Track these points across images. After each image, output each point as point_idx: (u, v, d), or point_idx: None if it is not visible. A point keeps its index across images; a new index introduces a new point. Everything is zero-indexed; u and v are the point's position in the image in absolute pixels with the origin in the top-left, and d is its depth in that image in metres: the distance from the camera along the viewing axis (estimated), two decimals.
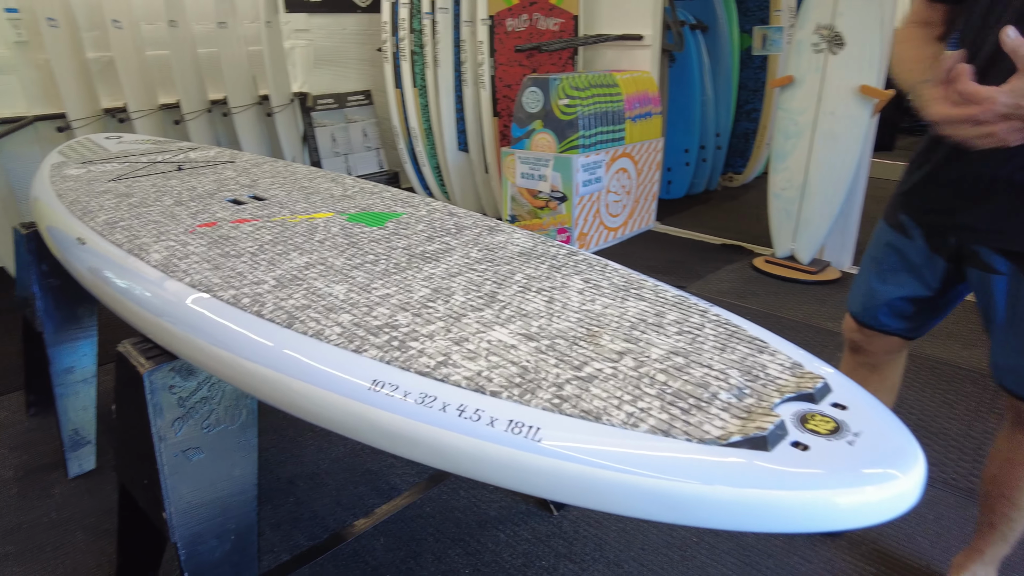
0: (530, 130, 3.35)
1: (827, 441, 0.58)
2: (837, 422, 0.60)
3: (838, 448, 0.57)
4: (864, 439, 0.58)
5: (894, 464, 0.55)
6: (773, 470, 0.54)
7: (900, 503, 0.53)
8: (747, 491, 0.53)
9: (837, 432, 0.59)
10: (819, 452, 0.56)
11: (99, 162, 1.99)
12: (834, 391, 0.66)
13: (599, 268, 1.00)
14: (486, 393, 0.66)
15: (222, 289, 0.96)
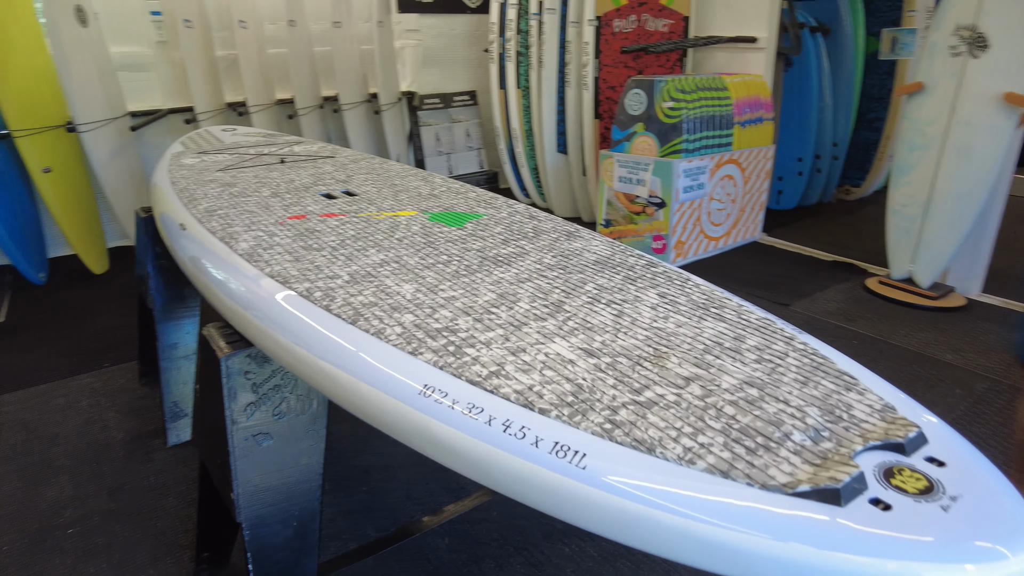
0: (631, 133, 3.27)
1: (915, 502, 0.50)
2: (930, 481, 0.52)
3: (928, 512, 0.49)
4: (964, 505, 0.50)
5: (1001, 539, 0.47)
6: (839, 530, 0.47)
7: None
8: (794, 547, 0.47)
9: (929, 493, 0.51)
10: (904, 515, 0.49)
11: (213, 152, 2.12)
12: (931, 443, 0.57)
13: (679, 283, 0.94)
14: (535, 410, 0.63)
15: (297, 281, 0.98)
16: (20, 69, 2.96)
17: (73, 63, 2.92)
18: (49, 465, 1.83)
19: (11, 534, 1.57)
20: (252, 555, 1.04)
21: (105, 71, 3.19)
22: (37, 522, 1.61)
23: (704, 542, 0.50)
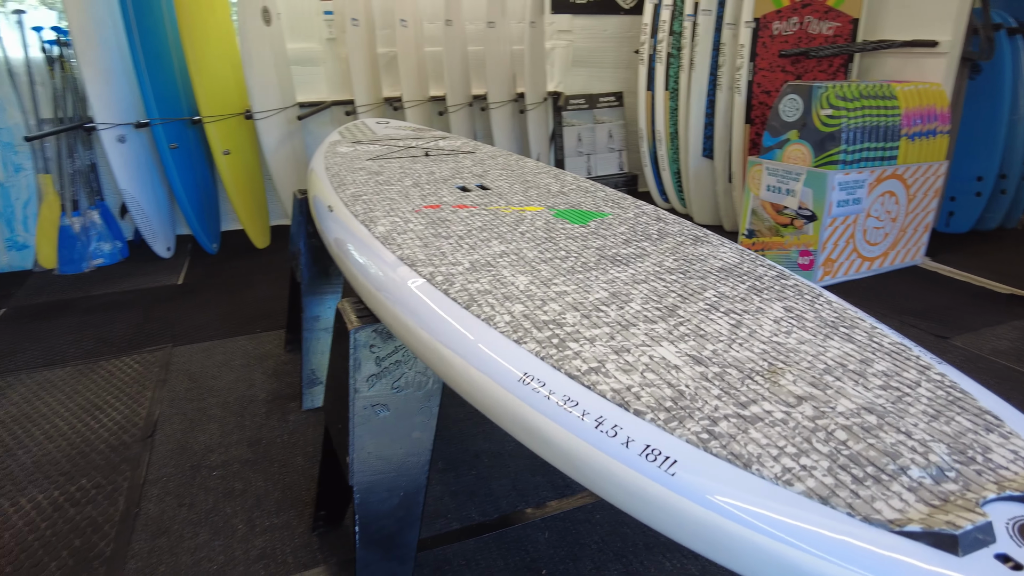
0: (784, 140, 3.09)
1: None
2: None
3: None
4: None
5: None
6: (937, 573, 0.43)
7: None
8: None
9: None
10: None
11: (365, 143, 2.27)
12: None
13: (809, 298, 0.88)
14: (630, 410, 0.62)
15: (423, 265, 1.03)
16: (214, 63, 3.34)
17: (255, 58, 3.24)
18: (204, 412, 2.06)
19: (171, 467, 1.79)
20: (359, 518, 1.11)
21: (281, 65, 3.52)
22: (191, 461, 1.82)
23: (789, 567, 0.47)
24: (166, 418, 2.03)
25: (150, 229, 3.40)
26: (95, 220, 3.41)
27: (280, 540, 1.52)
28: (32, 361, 2.42)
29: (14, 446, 1.90)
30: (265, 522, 1.58)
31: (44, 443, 1.91)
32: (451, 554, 1.47)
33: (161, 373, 2.31)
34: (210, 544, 1.51)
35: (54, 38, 3.27)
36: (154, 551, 1.50)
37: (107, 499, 1.67)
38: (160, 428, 1.98)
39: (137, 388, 2.21)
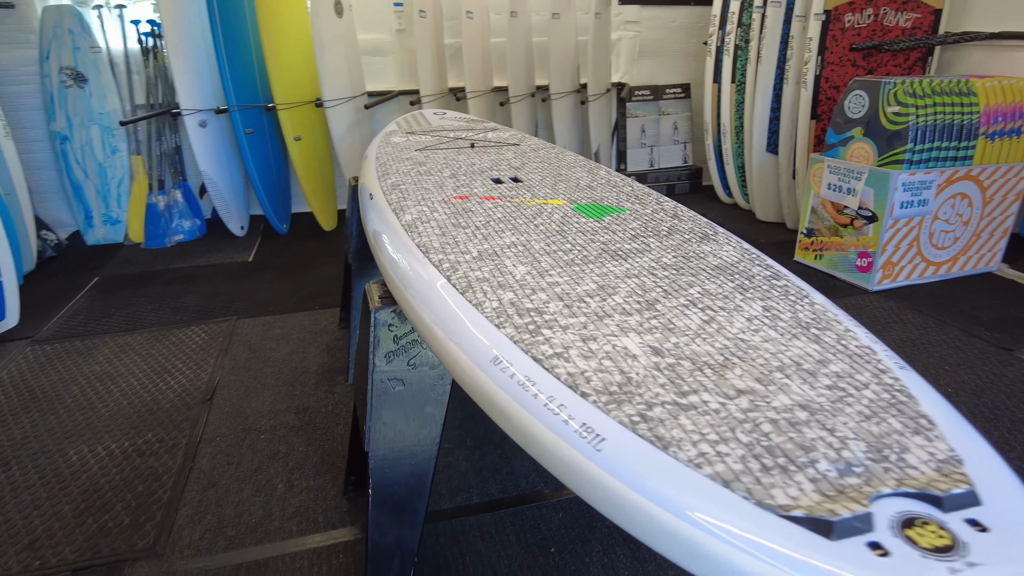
0: (847, 137, 2.99)
1: (921, 557, 0.47)
2: (956, 541, 0.48)
3: (930, 570, 0.46)
4: (981, 574, 0.45)
5: None
6: (812, 559, 0.46)
7: None
8: (753, 561, 0.47)
9: (947, 552, 0.47)
10: (899, 565, 0.46)
11: (419, 133, 2.37)
12: (986, 506, 0.52)
13: (793, 298, 0.90)
14: (577, 392, 0.67)
15: (435, 253, 1.10)
16: (289, 53, 3.53)
17: (327, 48, 3.40)
18: (260, 382, 2.23)
19: (224, 429, 1.95)
20: (373, 482, 1.20)
21: (352, 55, 3.67)
22: (242, 424, 1.98)
23: (680, 539, 0.51)
24: (225, 384, 2.21)
25: (226, 209, 3.64)
26: (178, 199, 3.68)
27: (314, 501, 1.65)
28: (116, 326, 2.67)
29: (96, 400, 2.12)
30: (302, 483, 1.71)
31: (120, 399, 2.12)
32: (468, 526, 1.56)
33: (224, 343, 2.50)
34: (252, 499, 1.66)
35: (149, 30, 3.54)
36: (203, 501, 1.65)
37: (167, 453, 1.85)
38: (218, 393, 2.16)
39: (202, 355, 2.41)
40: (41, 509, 1.64)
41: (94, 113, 3.54)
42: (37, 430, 1.97)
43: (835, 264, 3.08)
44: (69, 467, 1.79)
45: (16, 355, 2.44)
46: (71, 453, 1.85)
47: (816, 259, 3.18)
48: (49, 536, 1.55)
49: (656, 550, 0.54)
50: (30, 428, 1.98)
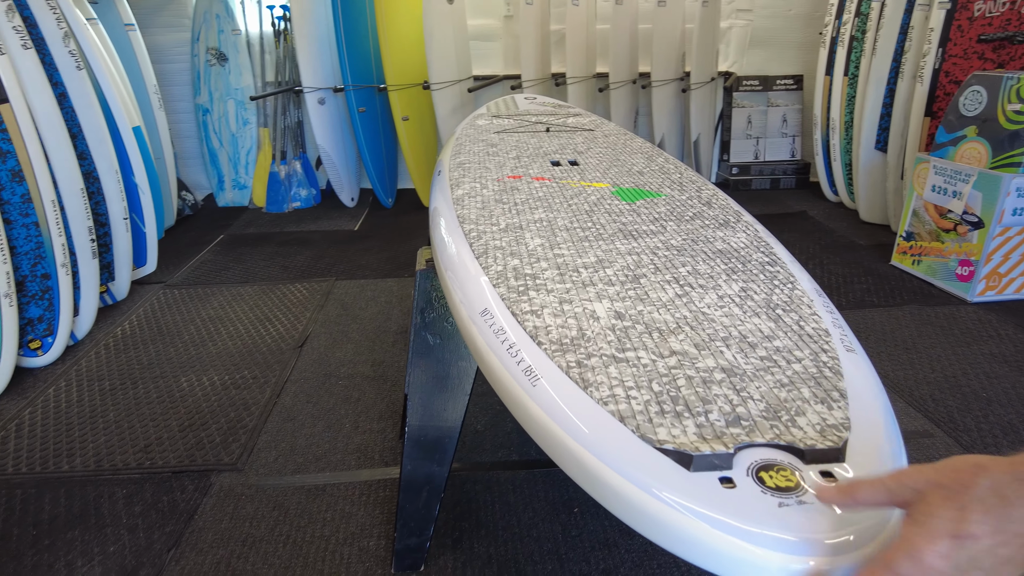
0: (959, 136, 2.81)
1: (760, 492, 0.55)
2: (798, 483, 0.56)
3: (759, 502, 0.54)
4: (804, 512, 0.53)
5: (793, 549, 0.50)
6: (665, 481, 0.56)
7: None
8: (617, 478, 0.57)
9: (786, 492, 0.55)
10: (738, 496, 0.54)
11: (504, 116, 2.51)
12: (844, 463, 0.58)
13: (778, 283, 0.95)
14: (535, 341, 0.79)
15: (469, 223, 1.24)
16: (401, 38, 3.77)
17: (436, 34, 3.61)
18: (346, 336, 2.47)
19: (309, 373, 2.21)
20: (409, 420, 1.37)
21: (460, 41, 3.86)
22: (325, 370, 2.23)
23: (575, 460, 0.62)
24: (315, 335, 2.48)
25: (338, 181, 3.97)
26: (297, 169, 4.05)
27: (374, 441, 1.85)
28: (232, 278, 3.03)
29: (207, 339, 2.45)
30: (367, 425, 1.92)
31: (227, 340, 2.44)
32: (503, 479, 1.70)
33: (321, 300, 2.78)
34: (322, 434, 1.89)
35: (281, 14, 3.91)
36: (281, 431, 1.90)
37: (259, 388, 2.12)
38: (309, 342, 2.42)
39: (300, 309, 2.69)
40: (156, 422, 1.95)
41: (231, 88, 3.96)
42: (160, 358, 2.32)
43: (933, 271, 2.91)
44: (180, 391, 2.11)
45: (151, 296, 2.84)
46: (183, 380, 2.17)
47: (914, 264, 3.02)
48: (160, 444, 1.86)
49: (561, 467, 0.65)
50: (155, 356, 2.33)
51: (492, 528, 1.55)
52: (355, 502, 1.63)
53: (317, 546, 1.50)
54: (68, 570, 1.44)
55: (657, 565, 1.43)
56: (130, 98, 3.14)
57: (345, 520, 1.57)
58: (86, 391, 2.12)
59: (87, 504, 1.63)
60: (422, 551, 1.43)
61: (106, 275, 2.72)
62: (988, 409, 1.98)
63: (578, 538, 1.51)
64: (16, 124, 2.13)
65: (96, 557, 1.48)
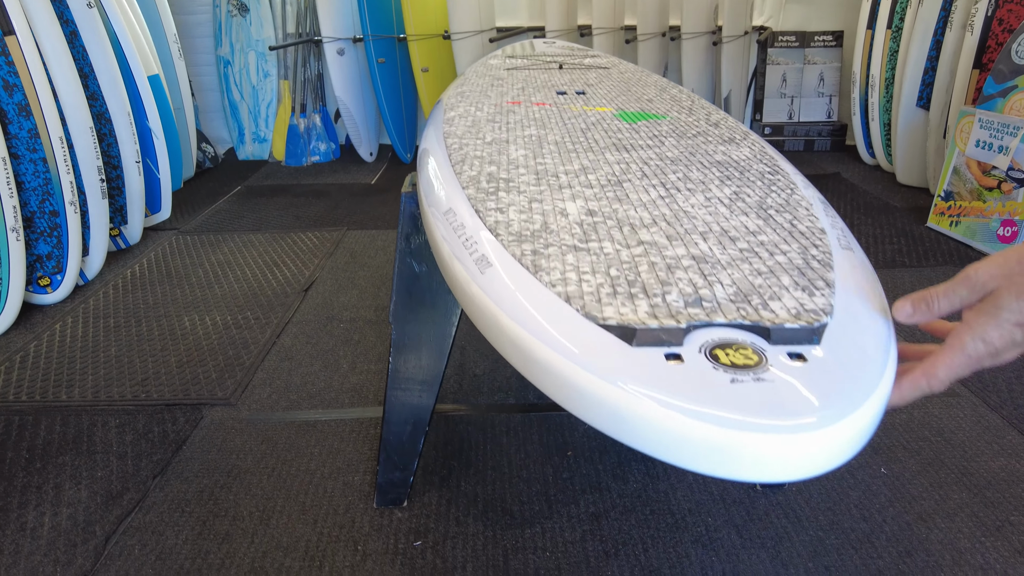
0: (1009, 87, 2.61)
1: (712, 368, 0.47)
2: (759, 358, 0.48)
3: (709, 378, 0.46)
4: (760, 389, 0.45)
5: (740, 427, 0.43)
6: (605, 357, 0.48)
7: (708, 453, 0.42)
8: (550, 356, 0.49)
9: (745, 369, 0.47)
10: (685, 371, 0.47)
11: (518, 57, 2.41)
12: (819, 346, 0.50)
13: (776, 189, 0.86)
14: (493, 234, 0.71)
15: (453, 138, 1.17)
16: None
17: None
18: (352, 282, 2.44)
19: (311, 315, 2.18)
20: (393, 351, 1.31)
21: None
22: (328, 313, 2.19)
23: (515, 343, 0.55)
24: (321, 280, 2.44)
25: (357, 135, 3.91)
26: (316, 123, 4.01)
27: (369, 381, 1.81)
28: (246, 225, 3.02)
29: (214, 282, 2.44)
30: (364, 367, 1.88)
31: (233, 283, 2.42)
32: (499, 421, 1.65)
33: (331, 248, 2.75)
34: (318, 373, 1.86)
35: None
36: (277, 369, 1.88)
37: (260, 328, 2.10)
38: (315, 287, 2.39)
39: (309, 256, 2.66)
40: (155, 358, 1.94)
41: (252, 40, 3.92)
42: (166, 299, 2.31)
43: (973, 232, 2.74)
44: (182, 329, 2.10)
45: (164, 241, 2.84)
46: (185, 319, 2.16)
47: (952, 226, 2.85)
48: (156, 378, 1.84)
49: (502, 354, 0.58)
50: (161, 296, 2.33)
51: (482, 468, 1.50)
52: (344, 438, 1.59)
53: (301, 479, 1.46)
54: (56, 492, 1.44)
55: (650, 512, 1.37)
56: (149, 46, 3.11)
57: (332, 455, 1.53)
58: (91, 328, 2.12)
59: (81, 432, 1.63)
60: (405, 486, 1.38)
61: (119, 218, 2.72)
62: (1022, 371, 1.85)
63: (569, 481, 1.45)
64: (23, 57, 2.11)
65: (84, 481, 1.47)
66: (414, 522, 1.35)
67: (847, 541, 1.30)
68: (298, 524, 1.35)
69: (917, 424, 1.64)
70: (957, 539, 1.30)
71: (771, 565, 1.25)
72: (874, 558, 1.26)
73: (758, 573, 1.23)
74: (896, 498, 1.41)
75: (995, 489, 1.42)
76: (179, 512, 1.38)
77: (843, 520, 1.35)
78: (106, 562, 1.26)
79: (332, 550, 1.28)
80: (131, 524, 1.35)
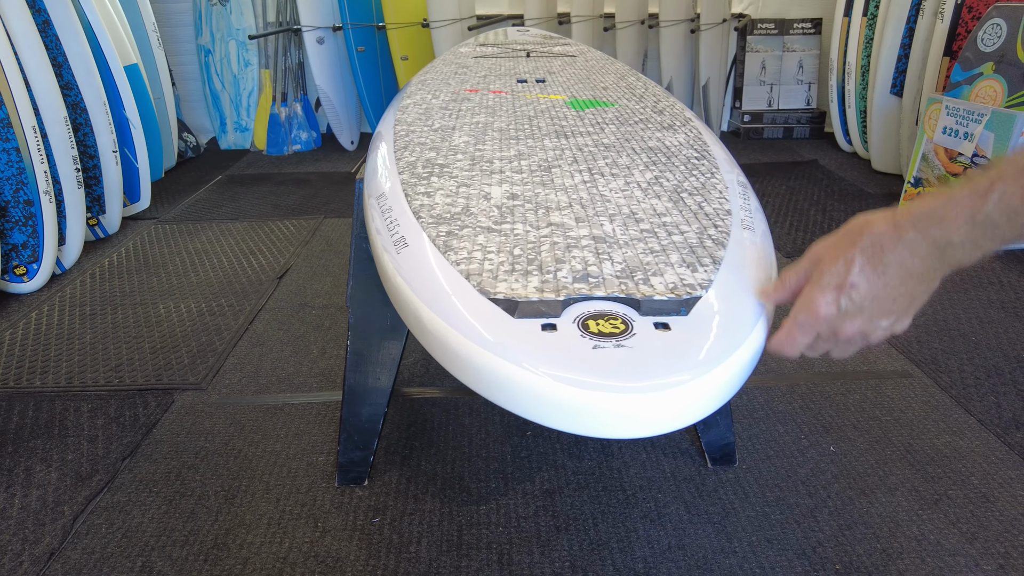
0: (975, 74, 2.65)
1: (580, 335, 0.51)
2: (625, 326, 0.52)
3: (579, 345, 0.50)
4: (616, 355, 0.49)
5: (593, 387, 0.47)
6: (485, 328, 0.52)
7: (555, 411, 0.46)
8: (446, 328, 0.53)
9: (610, 337, 0.51)
10: (554, 339, 0.51)
11: (489, 45, 2.43)
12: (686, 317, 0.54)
13: (695, 174, 0.89)
14: (418, 217, 0.75)
15: (403, 125, 1.20)
16: None
17: None
18: (327, 269, 2.47)
19: (284, 302, 2.21)
20: (352, 334, 1.35)
21: None
22: (300, 299, 2.23)
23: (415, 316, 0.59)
24: (296, 267, 2.47)
25: (338, 123, 3.93)
26: (298, 111, 4.02)
27: (337, 365, 1.85)
28: (224, 214, 3.04)
29: (190, 269, 2.47)
30: (333, 352, 1.92)
31: (208, 271, 2.45)
32: (462, 403, 1.69)
33: (307, 236, 2.77)
34: (288, 359, 1.89)
35: None
36: (248, 354, 1.91)
37: (233, 315, 2.13)
38: (289, 274, 2.42)
39: (285, 244, 2.69)
40: (129, 344, 1.98)
41: (232, 29, 3.92)
42: (142, 287, 2.34)
43: None
44: (157, 317, 2.13)
45: (142, 230, 2.86)
46: (160, 307, 2.19)
47: None
48: (130, 364, 1.88)
49: (407, 326, 0.62)
50: (137, 284, 2.36)
51: (443, 448, 1.54)
52: (311, 420, 1.63)
53: (266, 460, 1.50)
54: (27, 474, 1.48)
55: (602, 488, 1.41)
56: (127, 35, 3.12)
57: (297, 437, 1.58)
58: (67, 316, 2.15)
59: (53, 416, 1.66)
60: (366, 465, 1.43)
61: (96, 208, 2.74)
62: (974, 352, 1.90)
63: (526, 459, 1.50)
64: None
65: (54, 463, 1.51)
66: (374, 500, 1.39)
67: (791, 516, 1.35)
68: (261, 503, 1.39)
69: (869, 404, 1.69)
70: (896, 512, 1.35)
71: (716, 539, 1.30)
72: (815, 531, 1.31)
73: (703, 547, 1.28)
74: (842, 474, 1.46)
75: (937, 464, 1.48)
76: (146, 492, 1.42)
77: (789, 496, 1.40)
78: (73, 540, 1.30)
79: (293, 527, 1.33)
80: (99, 504, 1.39)
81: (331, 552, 1.26)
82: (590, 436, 0.49)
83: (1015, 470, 1.45)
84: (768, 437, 1.57)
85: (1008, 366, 1.83)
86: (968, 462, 1.48)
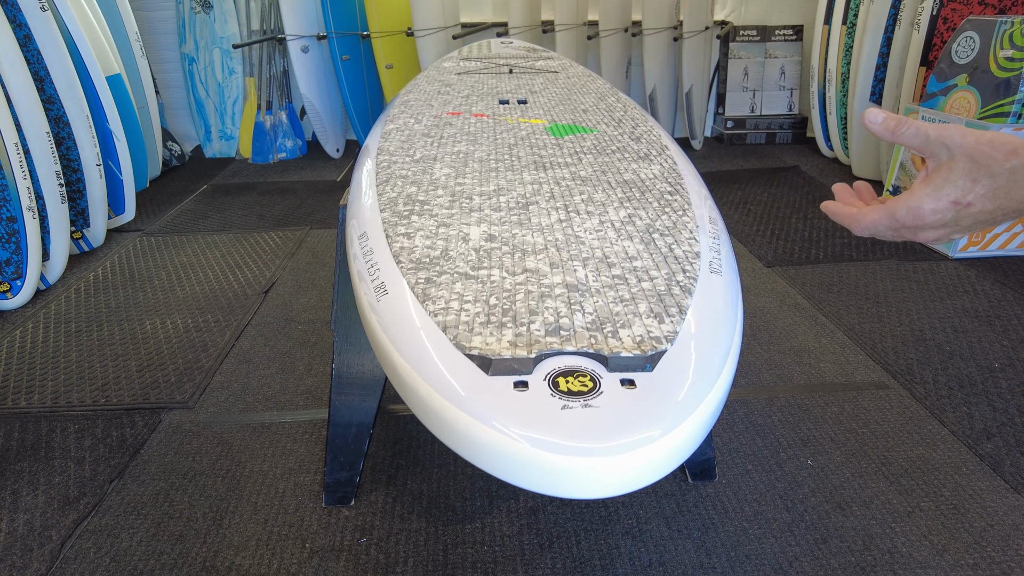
0: (949, 86, 2.71)
1: (550, 395, 0.53)
2: (593, 383, 0.54)
3: (548, 405, 0.52)
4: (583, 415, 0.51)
5: (557, 450, 0.49)
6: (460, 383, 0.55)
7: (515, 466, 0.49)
8: (420, 385, 0.56)
9: (577, 396, 0.54)
10: (525, 398, 0.53)
11: (473, 59, 2.45)
12: (651, 373, 0.57)
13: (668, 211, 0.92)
14: (396, 262, 0.77)
15: (385, 154, 1.22)
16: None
17: None
18: (312, 283, 2.48)
19: (271, 317, 2.22)
20: (336, 357, 1.37)
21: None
22: (286, 314, 2.24)
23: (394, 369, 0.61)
24: (282, 281, 2.49)
25: (323, 131, 3.93)
26: (283, 120, 4.02)
27: (323, 382, 1.87)
28: (210, 226, 3.04)
29: (176, 284, 2.47)
30: (319, 368, 1.94)
31: (194, 285, 2.46)
32: None
33: (293, 248, 2.78)
34: (275, 376, 1.91)
35: None
36: (235, 372, 1.92)
37: (219, 331, 2.14)
38: (275, 288, 2.43)
39: (271, 256, 2.70)
40: (116, 362, 1.98)
41: (216, 37, 3.91)
42: (128, 302, 2.34)
43: None
44: (143, 333, 2.14)
45: (127, 243, 2.86)
46: (147, 323, 2.20)
47: None
48: (116, 382, 1.89)
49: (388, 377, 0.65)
50: (123, 300, 2.36)
51: (428, 467, 1.56)
52: (297, 440, 1.65)
53: (254, 480, 1.52)
54: (13, 498, 1.48)
55: (585, 505, 1.44)
56: (109, 45, 3.11)
57: (285, 456, 1.59)
58: (52, 333, 2.15)
59: (39, 438, 1.67)
60: (352, 485, 1.45)
61: (81, 221, 2.74)
62: (948, 362, 1.95)
63: None
64: None
65: (41, 487, 1.51)
66: (360, 520, 1.41)
67: (768, 531, 1.38)
68: (249, 524, 1.40)
69: (847, 416, 1.73)
70: (870, 525, 1.39)
71: (695, 555, 1.33)
72: (791, 545, 1.35)
73: (682, 563, 1.31)
74: (818, 488, 1.49)
75: (910, 477, 1.52)
76: (135, 515, 1.43)
77: (767, 510, 1.43)
78: (61, 566, 1.31)
79: (281, 548, 1.34)
80: (87, 528, 1.40)
81: (319, 574, 1.28)
82: (555, 497, 0.52)
83: (985, 481, 1.49)
84: (747, 451, 1.61)
85: (980, 376, 1.88)
86: (940, 474, 1.52)
